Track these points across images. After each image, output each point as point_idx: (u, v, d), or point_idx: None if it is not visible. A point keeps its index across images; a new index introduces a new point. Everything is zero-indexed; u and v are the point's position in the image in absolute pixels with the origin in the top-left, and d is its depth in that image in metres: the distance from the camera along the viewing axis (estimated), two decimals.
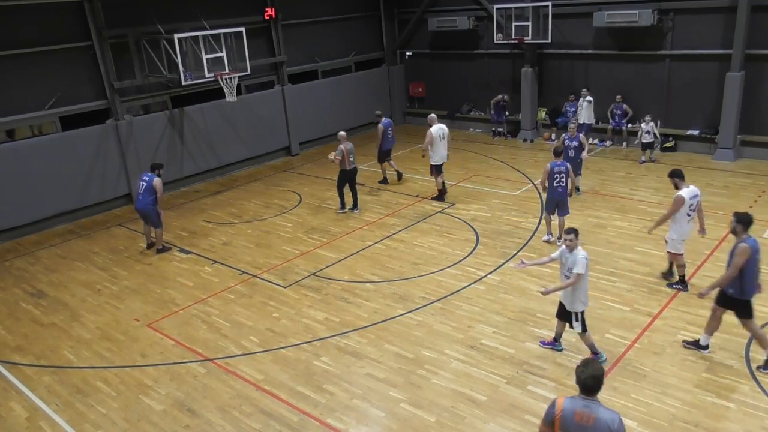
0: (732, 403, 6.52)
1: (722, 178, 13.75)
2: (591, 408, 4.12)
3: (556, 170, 10.32)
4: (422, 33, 20.31)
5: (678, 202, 8.53)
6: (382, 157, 14.88)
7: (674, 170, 8.85)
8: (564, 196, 10.54)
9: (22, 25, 12.69)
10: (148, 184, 11.31)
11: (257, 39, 16.76)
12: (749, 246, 6.71)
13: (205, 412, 7.00)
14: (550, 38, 16.61)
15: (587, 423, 4.07)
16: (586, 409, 4.11)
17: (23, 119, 13.02)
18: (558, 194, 10.47)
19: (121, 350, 8.47)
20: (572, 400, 4.20)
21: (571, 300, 7.11)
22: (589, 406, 4.12)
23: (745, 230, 6.82)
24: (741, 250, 6.72)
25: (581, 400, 4.17)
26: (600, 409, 4.13)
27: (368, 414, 6.80)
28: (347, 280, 10.02)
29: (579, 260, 6.88)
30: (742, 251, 6.71)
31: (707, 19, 14.87)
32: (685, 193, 8.55)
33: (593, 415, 4.09)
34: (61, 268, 11.40)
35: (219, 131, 16.40)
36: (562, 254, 7.11)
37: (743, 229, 6.81)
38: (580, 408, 4.12)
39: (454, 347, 7.90)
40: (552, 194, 10.52)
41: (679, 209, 8.53)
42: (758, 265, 6.90)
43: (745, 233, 6.81)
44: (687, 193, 8.56)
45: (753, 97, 14.55)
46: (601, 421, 4.07)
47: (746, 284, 6.83)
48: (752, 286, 6.89)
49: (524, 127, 18.30)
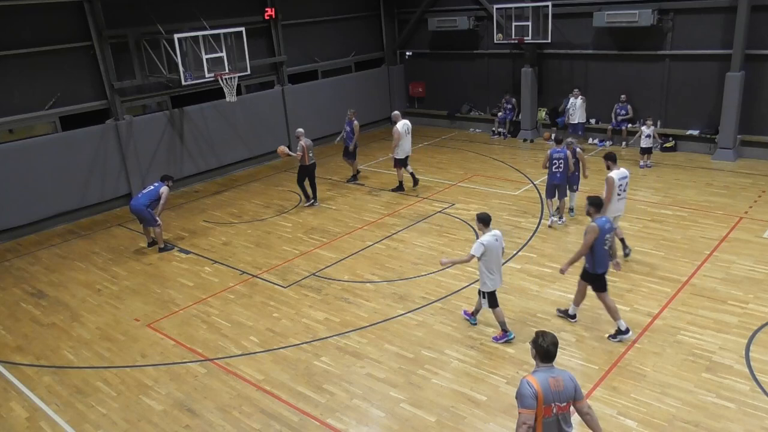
0: (732, 403, 6.52)
1: (722, 178, 13.75)
2: (555, 372, 4.47)
3: (555, 156, 11.14)
4: (422, 33, 20.31)
5: (609, 182, 9.43)
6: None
7: (608, 153, 9.82)
8: (563, 181, 11.30)
9: (22, 25, 12.69)
10: (154, 189, 11.49)
11: (257, 39, 16.77)
12: (598, 226, 7.44)
13: (205, 413, 7.00)
14: (550, 38, 16.60)
15: (560, 387, 4.40)
16: (554, 375, 4.44)
17: (23, 119, 13.03)
18: (557, 179, 11.25)
19: (121, 350, 8.47)
20: (540, 373, 4.46)
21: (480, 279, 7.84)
22: (554, 372, 4.47)
23: (597, 212, 7.66)
24: (590, 229, 7.47)
25: (546, 369, 4.48)
26: (560, 371, 4.53)
27: (368, 414, 6.80)
28: (347, 280, 10.02)
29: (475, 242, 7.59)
30: (591, 230, 7.46)
31: (707, 19, 14.87)
32: (614, 174, 9.42)
33: (560, 377, 4.45)
34: (61, 268, 11.41)
35: (219, 131, 16.40)
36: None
37: (595, 211, 7.65)
38: (550, 376, 4.43)
39: (454, 347, 7.91)
40: (551, 179, 11.34)
41: (613, 189, 9.37)
42: (609, 244, 7.60)
43: (597, 214, 7.63)
44: (617, 174, 9.43)
45: (753, 97, 14.55)
46: (567, 380, 4.47)
47: (596, 260, 7.58)
48: (602, 262, 7.61)
49: (524, 127, 18.30)
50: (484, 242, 7.46)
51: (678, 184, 13.48)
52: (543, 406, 4.32)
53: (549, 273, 9.70)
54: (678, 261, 9.78)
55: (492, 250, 7.55)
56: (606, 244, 7.52)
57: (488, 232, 7.60)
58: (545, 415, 4.36)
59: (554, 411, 4.37)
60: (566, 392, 4.43)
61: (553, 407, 4.37)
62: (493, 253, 7.57)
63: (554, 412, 4.38)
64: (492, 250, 7.54)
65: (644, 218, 11.58)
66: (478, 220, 7.71)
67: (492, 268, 7.64)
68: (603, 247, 7.49)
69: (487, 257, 7.54)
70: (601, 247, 7.48)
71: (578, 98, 16.30)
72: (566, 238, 10.96)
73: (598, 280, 7.73)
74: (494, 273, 7.68)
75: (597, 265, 7.60)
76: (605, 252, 7.57)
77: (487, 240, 7.50)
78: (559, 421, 4.45)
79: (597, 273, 7.67)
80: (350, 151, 14.99)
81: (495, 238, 7.57)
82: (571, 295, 8.95)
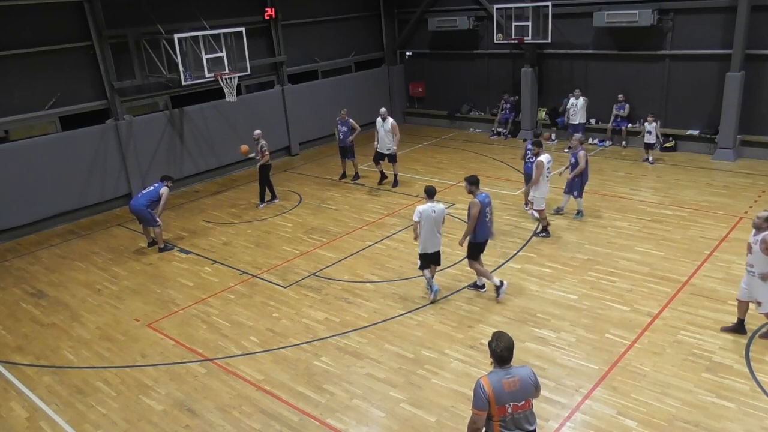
0: (732, 403, 6.52)
1: (722, 178, 13.75)
2: (512, 372, 4.51)
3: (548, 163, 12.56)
4: (422, 33, 20.31)
5: (539, 165, 10.76)
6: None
7: (535, 141, 11.12)
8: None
9: (22, 25, 12.70)
10: (154, 190, 11.50)
11: (257, 39, 16.77)
12: (479, 201, 8.56)
13: (205, 413, 7.00)
14: (550, 38, 16.60)
15: (515, 387, 4.46)
16: (509, 376, 4.48)
17: (23, 119, 13.03)
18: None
19: (121, 350, 8.47)
20: (494, 374, 4.52)
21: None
22: (510, 372, 4.51)
23: (477, 189, 8.67)
24: (473, 204, 8.59)
25: (501, 370, 4.52)
26: (517, 370, 4.55)
27: (368, 414, 6.80)
28: (347, 280, 10.02)
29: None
30: (474, 204, 8.57)
31: (707, 19, 14.87)
32: (543, 158, 10.77)
33: (516, 378, 4.49)
34: (61, 268, 11.41)
35: (219, 131, 16.40)
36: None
37: (475, 189, 8.67)
38: (504, 377, 4.48)
39: (454, 347, 7.91)
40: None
41: (542, 171, 10.71)
42: (488, 216, 8.76)
43: (477, 191, 8.65)
44: (545, 158, 10.82)
45: (753, 97, 14.55)
46: (524, 379, 4.52)
47: (478, 231, 8.72)
48: (483, 232, 8.78)
49: (524, 127, 18.30)
50: (420, 210, 8.67)
51: (678, 184, 13.48)
52: (496, 407, 4.42)
53: (549, 273, 9.70)
54: (678, 261, 9.78)
55: (427, 218, 8.65)
56: (486, 216, 8.72)
57: (429, 203, 8.72)
58: (500, 414, 4.46)
59: (509, 411, 4.46)
60: (523, 391, 4.48)
61: (508, 407, 4.45)
62: (428, 220, 8.67)
63: (509, 411, 4.46)
64: (427, 218, 8.65)
65: (644, 218, 11.58)
66: (424, 192, 8.92)
67: (426, 233, 8.74)
68: (484, 219, 8.69)
69: (423, 223, 8.66)
70: (483, 220, 8.67)
71: (579, 98, 16.28)
72: (566, 238, 10.96)
73: (474, 248, 8.91)
74: (427, 238, 8.80)
75: (478, 235, 8.77)
76: (485, 223, 8.73)
77: (423, 208, 8.67)
78: (517, 419, 4.51)
79: (478, 242, 8.85)
80: (349, 150, 15.01)
81: (432, 209, 8.68)
82: (571, 295, 8.99)
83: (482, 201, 8.58)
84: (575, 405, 6.65)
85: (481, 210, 8.55)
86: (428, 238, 8.76)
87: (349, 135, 14.81)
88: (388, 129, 14.24)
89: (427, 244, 8.81)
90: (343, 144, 14.97)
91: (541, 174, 10.75)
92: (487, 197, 8.74)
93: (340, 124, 14.85)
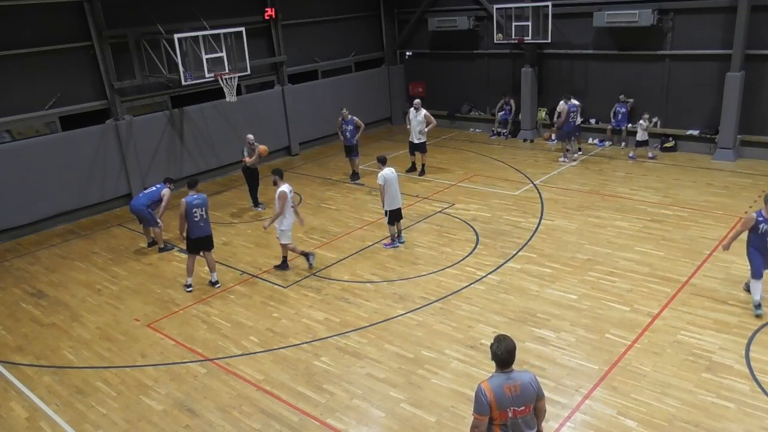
0: (732, 403, 6.52)
1: (722, 178, 13.75)
2: (513, 377, 4.46)
3: (572, 110, 15.18)
4: (422, 33, 20.30)
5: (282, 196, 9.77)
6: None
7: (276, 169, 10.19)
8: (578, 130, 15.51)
9: (22, 25, 12.69)
10: (155, 191, 11.53)
11: (257, 39, 16.76)
12: (286, 191, 9.67)
13: (205, 413, 7.00)
14: (550, 38, 16.59)
15: (516, 392, 4.43)
16: (510, 380, 4.44)
17: (23, 119, 13.03)
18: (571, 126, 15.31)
19: (121, 350, 8.47)
20: (495, 378, 4.47)
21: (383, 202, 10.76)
22: (511, 377, 4.46)
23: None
24: (280, 194, 9.63)
25: (502, 374, 4.47)
26: (519, 374, 4.50)
27: (368, 414, 6.80)
28: (347, 280, 10.02)
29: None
30: (281, 195, 9.63)
31: (707, 19, 14.86)
32: (285, 188, 9.89)
33: (518, 383, 4.45)
34: (61, 268, 11.41)
35: (219, 131, 16.40)
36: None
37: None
38: (505, 382, 4.44)
39: (454, 347, 7.91)
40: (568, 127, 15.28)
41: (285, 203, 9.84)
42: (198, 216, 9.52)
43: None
44: (287, 188, 9.94)
45: (753, 97, 14.54)
46: (526, 384, 4.46)
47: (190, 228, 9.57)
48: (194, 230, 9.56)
49: (524, 127, 18.29)
50: (383, 174, 10.46)
51: (678, 184, 13.48)
52: (498, 412, 4.40)
53: (549, 273, 9.70)
54: (678, 261, 9.78)
55: (390, 181, 10.49)
56: (196, 216, 9.46)
57: (386, 168, 10.58)
58: (501, 419, 4.45)
59: (510, 415, 4.44)
60: (525, 396, 4.44)
61: (509, 412, 4.43)
62: (390, 181, 10.49)
63: (510, 416, 4.44)
64: (389, 179, 10.48)
65: (644, 218, 11.58)
66: (377, 160, 10.95)
67: (391, 192, 10.54)
68: (194, 218, 9.47)
69: (387, 185, 10.45)
70: (192, 218, 9.46)
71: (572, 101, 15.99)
72: (566, 238, 10.96)
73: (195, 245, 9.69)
74: (392, 196, 10.56)
75: (191, 232, 9.57)
76: (195, 222, 9.51)
77: (384, 173, 10.49)
78: (518, 424, 4.49)
79: (191, 238, 9.62)
80: (354, 148, 15.04)
81: (391, 171, 10.55)
82: (571, 295, 8.98)
83: (190, 202, 9.45)
84: (575, 405, 6.65)
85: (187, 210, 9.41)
86: (393, 196, 10.60)
87: (355, 133, 14.89)
88: (421, 119, 14.67)
89: (393, 202, 10.64)
90: (350, 143, 15.00)
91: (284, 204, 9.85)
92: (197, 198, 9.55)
93: (344, 123, 14.87)
